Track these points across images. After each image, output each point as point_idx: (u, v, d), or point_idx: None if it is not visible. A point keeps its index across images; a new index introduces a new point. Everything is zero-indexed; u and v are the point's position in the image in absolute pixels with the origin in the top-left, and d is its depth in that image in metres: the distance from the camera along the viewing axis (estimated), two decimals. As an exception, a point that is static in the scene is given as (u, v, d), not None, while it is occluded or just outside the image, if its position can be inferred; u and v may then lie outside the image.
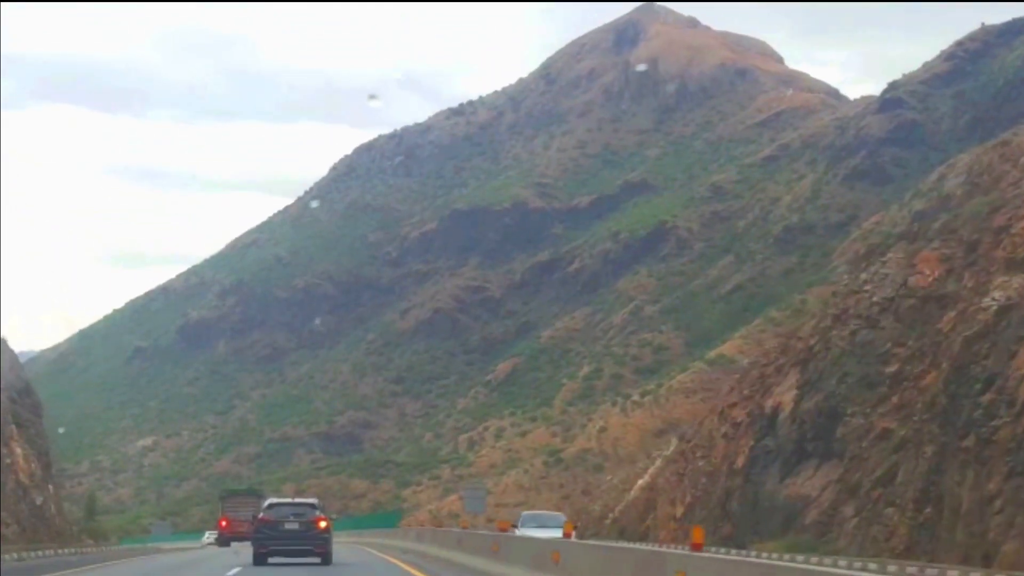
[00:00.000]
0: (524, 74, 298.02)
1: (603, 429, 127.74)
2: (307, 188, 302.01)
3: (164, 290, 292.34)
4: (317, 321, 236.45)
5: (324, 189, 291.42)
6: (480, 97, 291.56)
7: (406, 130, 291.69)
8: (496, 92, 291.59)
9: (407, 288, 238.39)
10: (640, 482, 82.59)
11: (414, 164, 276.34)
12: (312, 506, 43.05)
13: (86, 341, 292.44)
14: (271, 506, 43.63)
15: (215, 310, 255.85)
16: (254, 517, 44.06)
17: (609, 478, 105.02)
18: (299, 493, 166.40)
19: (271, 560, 41.47)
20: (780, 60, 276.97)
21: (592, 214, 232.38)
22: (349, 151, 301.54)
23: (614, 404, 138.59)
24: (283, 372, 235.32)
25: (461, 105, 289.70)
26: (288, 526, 41.75)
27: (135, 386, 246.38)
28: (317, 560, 41.43)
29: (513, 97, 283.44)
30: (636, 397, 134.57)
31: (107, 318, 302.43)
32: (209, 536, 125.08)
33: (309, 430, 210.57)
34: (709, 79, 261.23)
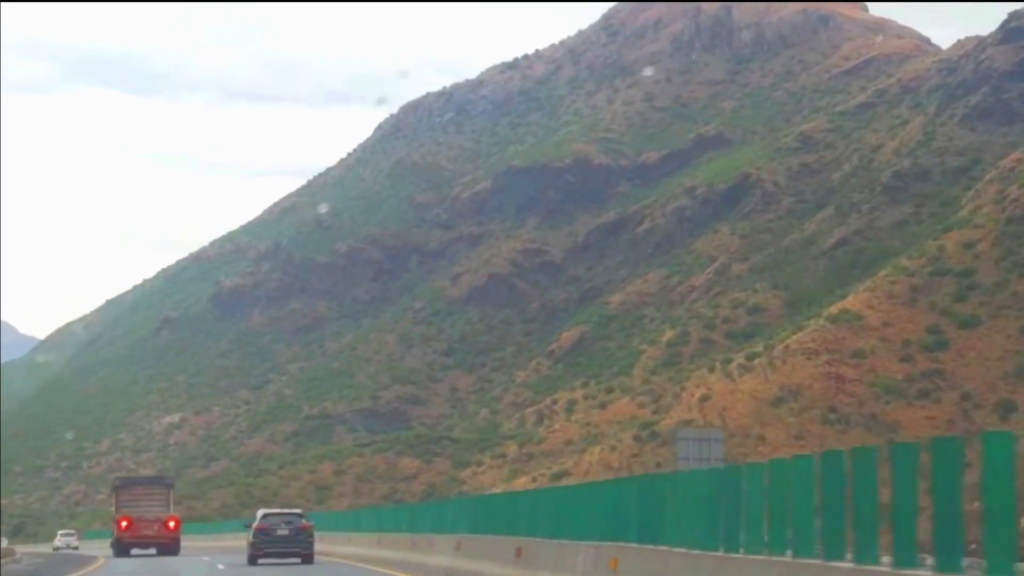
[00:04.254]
0: (584, 25, 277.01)
1: (706, 397, 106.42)
2: (350, 149, 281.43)
3: (196, 258, 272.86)
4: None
5: (369, 149, 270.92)
6: (536, 51, 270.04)
7: (456, 87, 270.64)
8: (553, 45, 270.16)
9: (458, 252, 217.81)
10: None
11: (465, 121, 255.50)
12: (299, 515, 51.35)
13: (113, 312, 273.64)
14: (266, 516, 50.65)
15: (250, 277, 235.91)
16: (253, 530, 49.51)
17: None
18: (339, 474, 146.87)
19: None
20: (864, 7, 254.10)
21: (662, 170, 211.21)
22: (395, 110, 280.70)
23: (711, 370, 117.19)
24: (323, 343, 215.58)
25: (515, 59, 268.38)
26: (280, 532, 49.11)
27: (163, 359, 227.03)
28: (297, 560, 48.81)
29: (572, 49, 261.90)
30: (741, 360, 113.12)
31: (136, 288, 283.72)
32: (61, 540, 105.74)
33: (351, 406, 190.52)
34: (788, 26, 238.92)
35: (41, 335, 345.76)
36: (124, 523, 66.80)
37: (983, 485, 11.93)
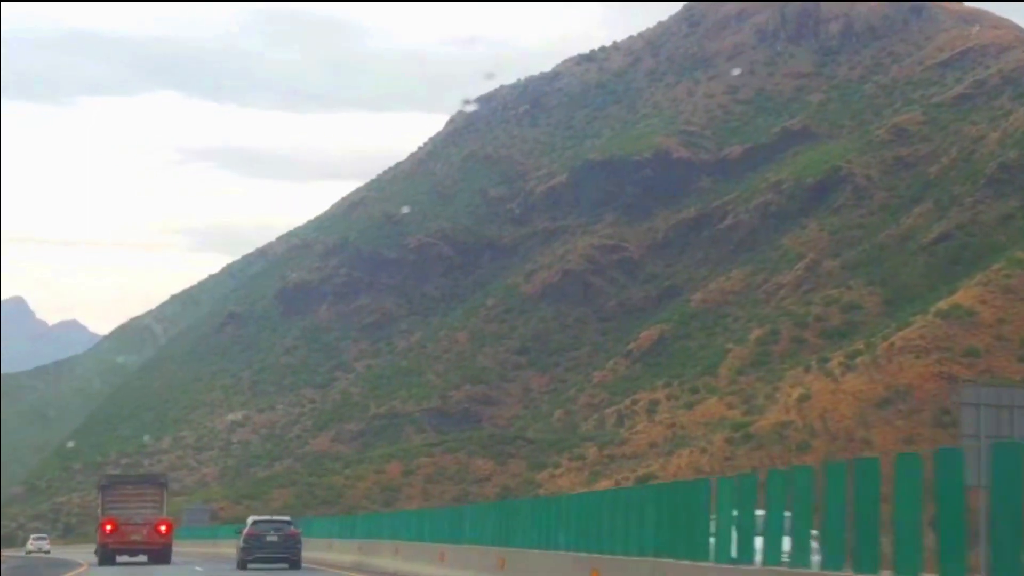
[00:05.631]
0: (663, 17, 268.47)
1: (804, 398, 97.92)
2: (421, 144, 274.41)
3: (262, 253, 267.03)
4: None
5: (440, 143, 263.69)
6: (614, 43, 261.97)
7: (531, 79, 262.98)
8: (632, 37, 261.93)
9: (532, 248, 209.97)
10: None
11: (540, 113, 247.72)
12: (288, 522, 55.05)
13: (177, 309, 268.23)
14: (256, 523, 54.24)
15: (317, 272, 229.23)
16: (244, 536, 53.83)
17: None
18: (408, 475, 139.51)
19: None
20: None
21: (745, 165, 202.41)
22: (474, 95, 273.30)
23: (807, 370, 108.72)
24: (391, 341, 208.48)
25: (592, 51, 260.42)
26: (269, 538, 52.55)
27: (227, 355, 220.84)
28: (285, 566, 51.63)
29: (652, 41, 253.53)
30: (841, 359, 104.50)
31: (201, 284, 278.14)
32: (33, 544, 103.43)
33: (420, 406, 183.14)
34: (878, 17, 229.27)
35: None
36: (108, 527, 59.19)
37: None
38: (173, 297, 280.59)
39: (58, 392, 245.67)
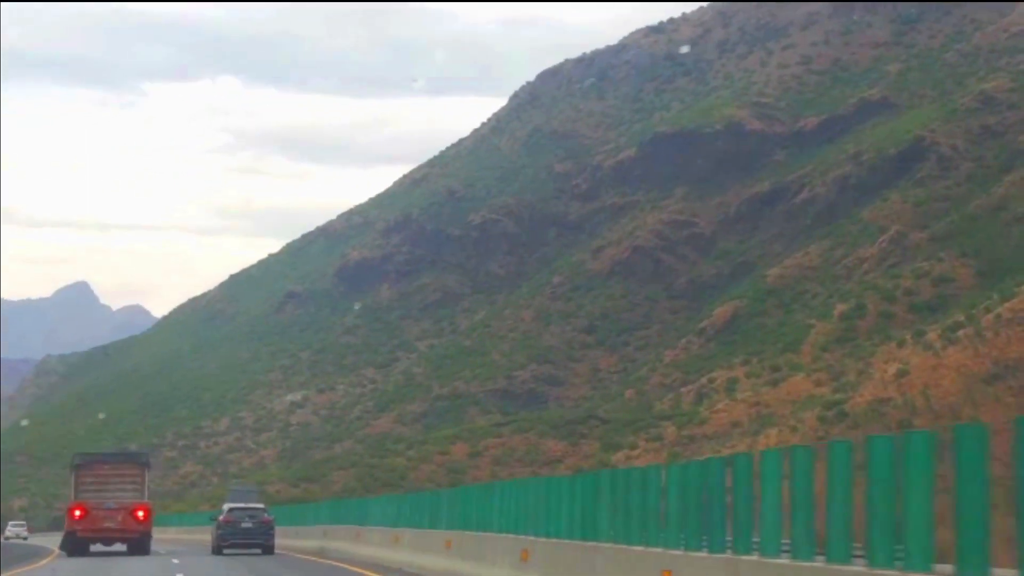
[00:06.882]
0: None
1: (903, 373, 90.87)
2: (484, 119, 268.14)
3: (323, 231, 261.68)
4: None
5: (503, 119, 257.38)
6: (683, 14, 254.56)
7: (596, 53, 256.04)
8: (702, 8, 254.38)
9: (600, 224, 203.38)
10: None
11: (607, 87, 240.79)
12: (262, 509, 55.71)
13: (235, 287, 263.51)
14: (231, 510, 54.54)
15: (378, 250, 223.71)
16: (219, 522, 54.24)
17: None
18: (474, 456, 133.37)
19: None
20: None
21: (821, 137, 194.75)
22: (531, 78, 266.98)
23: (900, 344, 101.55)
24: (455, 320, 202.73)
25: (661, 23, 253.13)
26: (244, 525, 53.49)
27: (286, 335, 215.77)
28: (259, 552, 52.50)
29: (723, 11, 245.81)
30: (939, 332, 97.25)
31: (260, 263, 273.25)
32: (11, 530, 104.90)
33: (484, 386, 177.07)
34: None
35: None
36: (77, 512, 52.57)
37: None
38: (232, 276, 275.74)
39: (115, 373, 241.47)
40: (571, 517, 24.48)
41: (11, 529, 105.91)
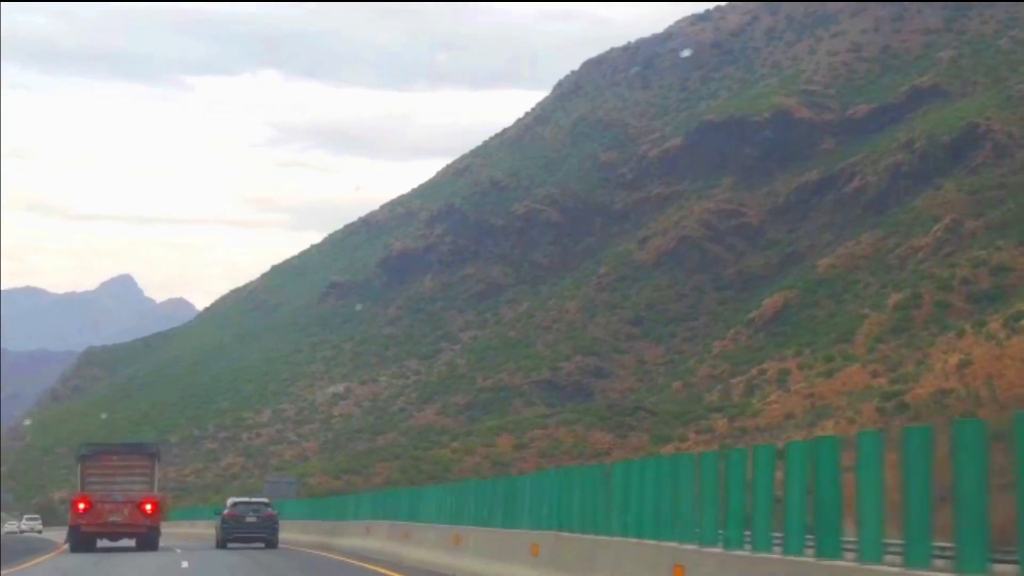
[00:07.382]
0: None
1: (965, 364, 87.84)
2: (527, 110, 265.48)
3: (365, 222, 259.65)
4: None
5: (548, 108, 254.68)
6: (730, 2, 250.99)
7: (641, 41, 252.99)
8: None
9: (646, 214, 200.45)
10: None
11: (653, 75, 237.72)
12: (266, 504, 57.01)
13: (278, 278, 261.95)
14: (235, 504, 56.27)
15: (421, 239, 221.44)
16: (224, 517, 55.62)
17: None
18: (518, 448, 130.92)
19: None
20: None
21: (871, 125, 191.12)
22: (576, 66, 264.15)
23: (960, 335, 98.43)
24: (498, 311, 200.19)
25: (707, 11, 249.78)
26: (248, 519, 54.78)
27: (328, 326, 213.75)
28: (262, 545, 53.70)
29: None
30: (1001, 322, 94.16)
31: (303, 254, 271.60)
32: (26, 523, 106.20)
33: (528, 378, 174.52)
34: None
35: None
36: (82, 505, 50.06)
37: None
38: (274, 268, 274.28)
39: (157, 364, 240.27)
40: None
41: (26, 523, 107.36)
